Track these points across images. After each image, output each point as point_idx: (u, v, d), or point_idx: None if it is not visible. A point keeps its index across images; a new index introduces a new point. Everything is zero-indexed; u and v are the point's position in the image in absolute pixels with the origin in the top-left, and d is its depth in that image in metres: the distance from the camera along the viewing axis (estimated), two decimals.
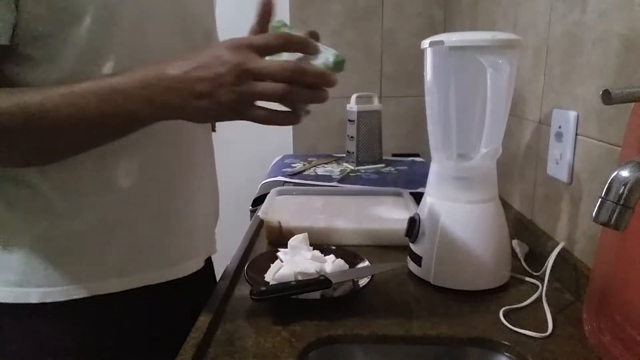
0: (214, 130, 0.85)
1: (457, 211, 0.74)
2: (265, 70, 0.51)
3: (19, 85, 0.56)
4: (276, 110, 0.54)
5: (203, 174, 0.77)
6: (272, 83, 0.51)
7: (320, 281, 0.69)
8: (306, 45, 0.55)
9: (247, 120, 0.54)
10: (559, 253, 0.73)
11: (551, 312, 0.66)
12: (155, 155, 0.66)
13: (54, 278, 0.63)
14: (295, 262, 0.74)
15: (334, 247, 0.83)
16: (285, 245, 0.80)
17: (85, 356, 0.66)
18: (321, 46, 0.57)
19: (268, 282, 0.73)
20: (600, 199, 0.42)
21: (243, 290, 0.74)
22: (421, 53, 0.75)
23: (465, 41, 0.69)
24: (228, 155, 1.89)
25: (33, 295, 0.62)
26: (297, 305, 0.68)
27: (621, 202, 0.41)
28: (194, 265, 0.75)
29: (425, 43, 0.73)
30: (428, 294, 0.73)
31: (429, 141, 0.78)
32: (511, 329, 0.63)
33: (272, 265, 0.77)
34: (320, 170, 1.48)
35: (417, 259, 0.77)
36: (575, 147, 0.75)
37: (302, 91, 0.53)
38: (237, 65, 0.50)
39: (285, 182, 1.35)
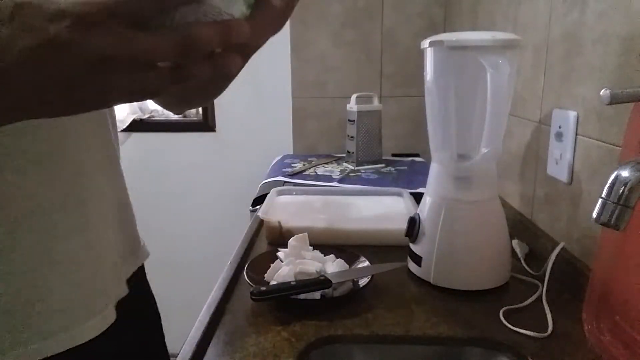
0: (213, 130, 0.70)
1: (457, 211, 0.74)
2: (147, 51, 0.32)
3: None
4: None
5: (98, 207, 0.53)
6: (160, 74, 0.33)
7: (320, 281, 0.69)
8: None
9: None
10: (559, 253, 0.73)
11: (551, 312, 0.66)
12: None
13: None
14: (295, 262, 0.74)
15: (334, 247, 0.83)
16: (285, 245, 0.80)
17: None
18: None
19: (268, 282, 0.73)
20: (600, 199, 0.42)
21: (243, 290, 0.74)
22: (421, 53, 0.75)
23: (465, 41, 0.69)
24: (228, 155, 1.90)
25: None
26: (297, 305, 0.69)
27: (621, 202, 0.41)
28: (99, 323, 0.51)
29: (425, 43, 0.73)
30: (428, 294, 0.73)
31: (429, 141, 0.78)
32: (511, 329, 0.63)
33: (272, 265, 0.77)
34: (320, 170, 1.48)
35: (417, 259, 0.77)
36: (575, 147, 0.75)
37: (204, 66, 0.34)
38: (103, 57, 0.31)
39: (285, 182, 1.35)
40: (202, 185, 1.91)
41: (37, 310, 0.47)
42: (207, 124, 1.86)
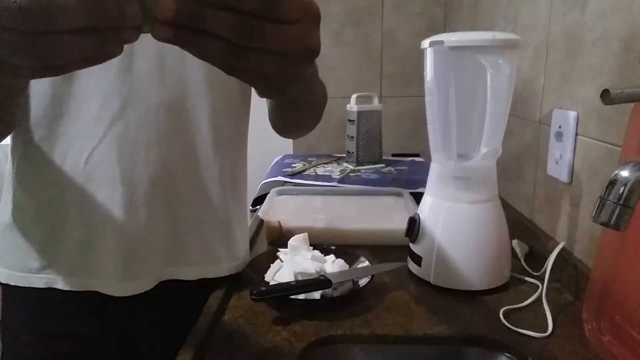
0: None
1: (457, 211, 0.74)
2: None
3: None
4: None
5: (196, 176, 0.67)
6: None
7: (320, 281, 0.69)
8: None
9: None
10: (559, 253, 0.72)
11: (551, 312, 0.66)
12: (120, 143, 0.61)
13: (18, 262, 0.65)
14: (295, 262, 0.74)
15: (334, 247, 0.83)
16: (285, 245, 0.80)
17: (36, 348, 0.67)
18: None
19: (268, 282, 0.73)
20: (600, 199, 0.42)
21: (243, 290, 0.74)
22: (421, 53, 0.75)
23: (465, 41, 0.69)
24: None
25: (1, 274, 0.66)
26: (297, 305, 0.68)
27: (621, 202, 0.41)
28: (137, 286, 0.65)
29: (425, 43, 0.73)
30: (428, 294, 0.73)
31: (429, 141, 0.78)
32: (511, 329, 0.63)
33: (272, 265, 0.77)
34: (320, 170, 1.48)
35: (417, 259, 0.77)
36: (575, 147, 0.75)
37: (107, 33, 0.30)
38: None
39: (285, 182, 1.35)
40: None
41: (98, 259, 0.64)
42: None
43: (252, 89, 0.70)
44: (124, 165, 0.61)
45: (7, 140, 0.64)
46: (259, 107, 0.76)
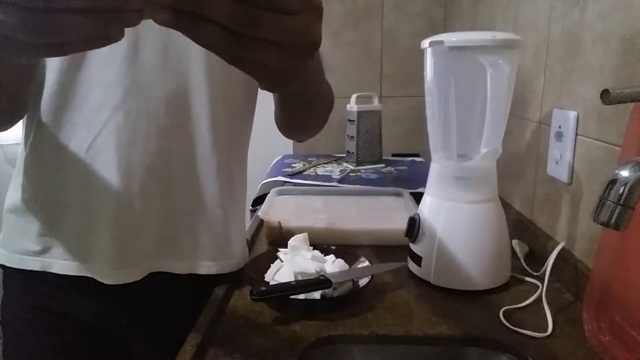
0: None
1: (457, 211, 0.74)
2: None
3: None
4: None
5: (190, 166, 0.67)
6: None
7: (320, 281, 0.69)
8: None
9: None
10: (559, 253, 0.72)
11: (551, 312, 0.66)
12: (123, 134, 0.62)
13: (21, 245, 0.66)
14: (295, 262, 0.74)
15: (334, 247, 0.83)
16: (285, 245, 0.80)
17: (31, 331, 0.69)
18: None
19: (268, 282, 0.73)
20: (600, 199, 0.42)
21: (243, 290, 0.74)
22: (421, 53, 0.75)
23: (465, 41, 0.69)
24: None
25: (2, 256, 0.67)
26: (297, 305, 0.68)
27: (621, 202, 0.41)
28: (128, 274, 0.66)
29: (425, 43, 0.73)
30: (428, 294, 0.73)
31: (429, 141, 0.78)
32: (511, 329, 0.63)
33: (272, 265, 0.77)
34: (320, 170, 1.48)
35: (417, 259, 0.77)
36: (575, 147, 0.75)
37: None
38: None
39: (285, 182, 1.35)
40: None
41: (94, 245, 0.64)
42: None
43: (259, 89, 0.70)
44: (122, 155, 0.62)
45: (7, 139, 0.65)
46: (260, 107, 0.76)
